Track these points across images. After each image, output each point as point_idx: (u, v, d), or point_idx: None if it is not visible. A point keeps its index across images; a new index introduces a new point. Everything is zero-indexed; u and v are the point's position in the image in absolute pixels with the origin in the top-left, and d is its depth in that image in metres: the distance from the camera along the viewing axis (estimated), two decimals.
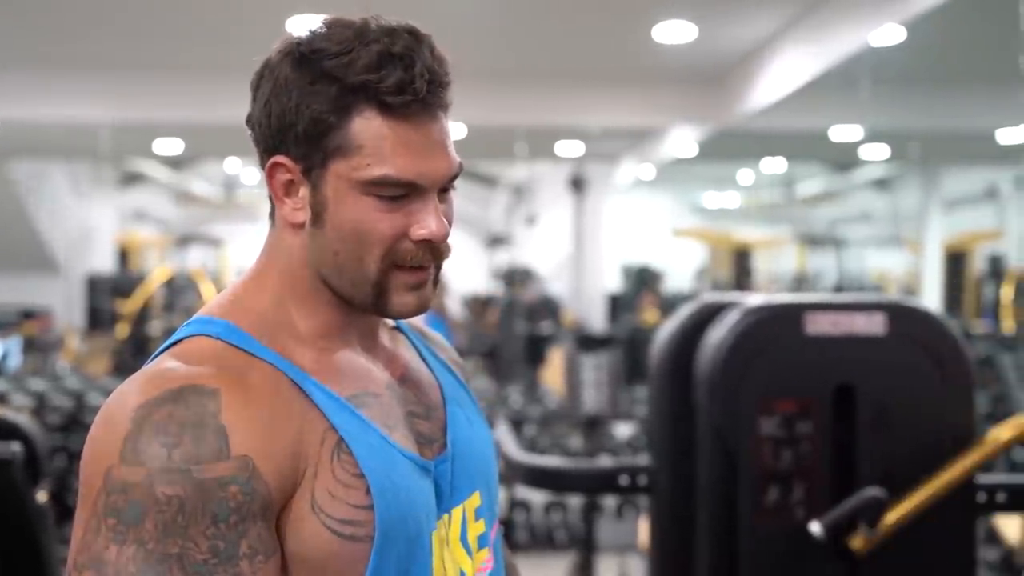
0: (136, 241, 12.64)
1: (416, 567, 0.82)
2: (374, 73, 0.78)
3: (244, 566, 0.73)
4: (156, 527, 0.71)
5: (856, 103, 5.75)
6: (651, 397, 2.23)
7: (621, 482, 2.16)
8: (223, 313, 0.84)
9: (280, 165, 0.83)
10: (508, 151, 7.63)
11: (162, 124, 6.66)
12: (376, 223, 0.81)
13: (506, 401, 5.74)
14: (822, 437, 1.93)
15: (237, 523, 0.73)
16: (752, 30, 5.05)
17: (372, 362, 0.89)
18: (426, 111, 0.81)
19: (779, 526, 1.92)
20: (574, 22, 4.94)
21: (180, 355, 0.80)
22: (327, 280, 0.85)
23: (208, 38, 5.22)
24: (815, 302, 1.99)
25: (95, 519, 0.72)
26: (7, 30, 5.06)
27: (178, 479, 0.71)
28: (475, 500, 0.92)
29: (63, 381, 5.61)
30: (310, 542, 0.77)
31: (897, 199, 11.34)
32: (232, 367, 0.78)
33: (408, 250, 0.83)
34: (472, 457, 0.92)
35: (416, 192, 0.82)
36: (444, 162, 0.83)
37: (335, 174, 0.81)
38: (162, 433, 0.72)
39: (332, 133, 0.80)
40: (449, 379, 0.98)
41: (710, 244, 13.25)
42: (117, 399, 0.77)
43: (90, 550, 0.72)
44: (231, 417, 0.75)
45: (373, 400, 0.85)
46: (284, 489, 0.76)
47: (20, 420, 2.15)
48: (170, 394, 0.75)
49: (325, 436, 0.79)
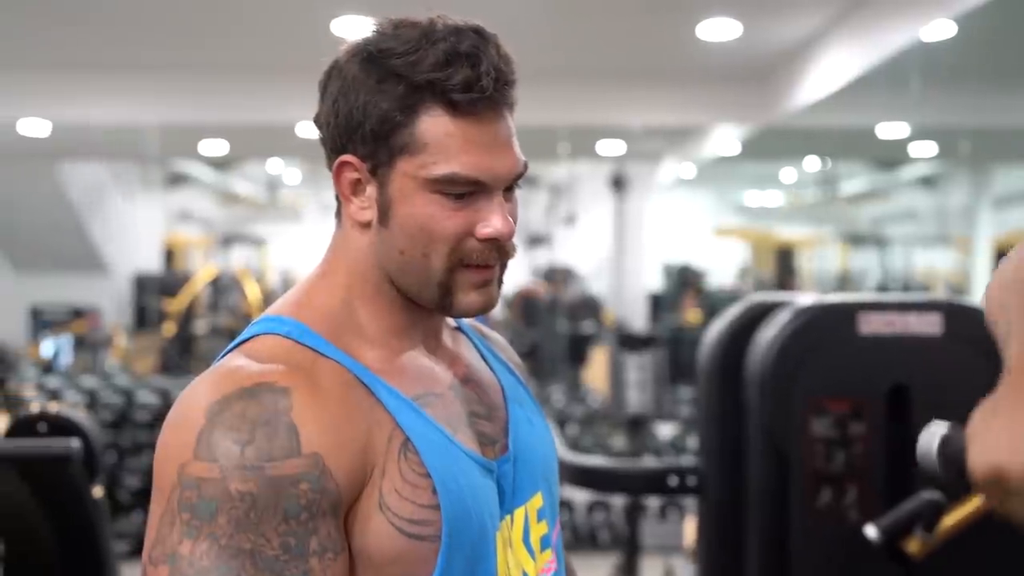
0: (181, 241, 12.82)
1: (482, 568, 0.82)
2: (441, 71, 0.79)
3: (314, 563, 0.73)
4: (229, 523, 0.72)
5: (904, 100, 5.66)
6: (700, 397, 2.22)
7: (670, 483, 2.15)
8: (292, 312, 0.85)
9: (347, 164, 0.84)
10: (551, 151, 7.62)
11: (208, 125, 6.75)
12: (442, 221, 0.82)
13: (548, 400, 5.74)
14: (876, 439, 1.90)
15: (307, 520, 0.73)
16: (798, 26, 5.00)
17: (436, 362, 0.89)
18: (492, 109, 0.81)
19: (831, 528, 1.90)
20: (619, 21, 4.92)
21: (251, 353, 0.81)
22: (393, 279, 0.85)
23: (253, 39, 5.27)
24: (869, 301, 1.97)
25: (169, 514, 0.73)
26: (57, 34, 5.16)
27: (250, 476, 0.72)
28: (537, 501, 0.91)
29: (113, 379, 5.71)
30: (377, 540, 0.77)
31: (944, 197, 11.15)
32: (302, 366, 0.79)
33: (474, 248, 0.83)
34: (534, 458, 0.92)
35: (482, 190, 0.82)
36: (510, 160, 0.83)
37: (401, 172, 0.82)
38: (235, 430, 0.74)
39: (399, 131, 0.81)
40: (510, 380, 0.98)
41: (752, 243, 13.13)
42: (190, 396, 0.78)
43: (165, 544, 0.73)
44: (302, 415, 0.75)
45: (437, 400, 0.85)
46: (353, 487, 0.77)
47: (78, 417, 2.19)
48: (243, 392, 0.76)
49: (392, 435, 0.80)
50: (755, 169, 11.52)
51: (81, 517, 1.89)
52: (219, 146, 7.87)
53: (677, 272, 11.83)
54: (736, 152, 7.87)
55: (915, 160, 9.31)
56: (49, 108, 6.20)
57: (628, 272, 9.88)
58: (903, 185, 11.83)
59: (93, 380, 5.51)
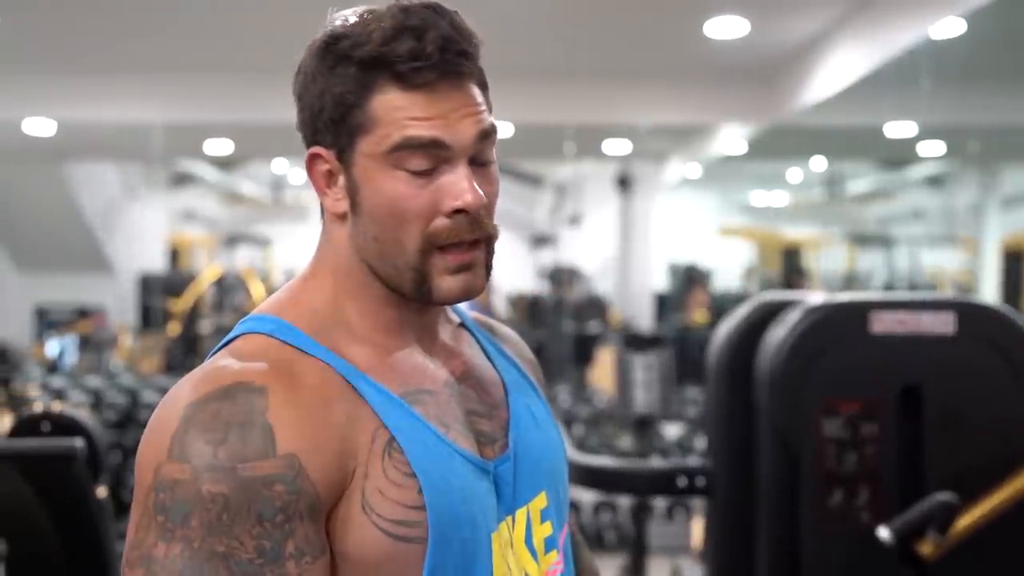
0: (186, 241, 12.82)
1: (476, 570, 0.79)
2: (387, 46, 0.77)
3: (291, 566, 0.72)
4: (202, 525, 0.70)
5: (912, 99, 5.63)
6: (710, 397, 2.19)
7: (679, 484, 2.13)
8: (276, 310, 0.83)
9: (317, 156, 0.83)
10: (556, 150, 7.61)
11: (213, 125, 6.75)
12: (407, 200, 0.79)
13: (555, 401, 5.73)
14: (888, 439, 1.88)
15: (283, 523, 0.72)
16: (805, 25, 4.97)
17: (431, 360, 0.87)
18: (444, 79, 0.79)
19: (843, 530, 1.88)
20: (625, 19, 4.90)
21: (233, 353, 0.79)
22: (373, 269, 0.83)
23: (258, 39, 5.26)
24: (881, 300, 1.94)
25: (146, 516, 0.72)
26: (62, 34, 5.16)
27: (223, 477, 0.71)
28: (540, 501, 0.89)
29: (118, 378, 5.71)
30: (361, 543, 0.75)
31: (951, 197, 11.11)
32: (282, 364, 0.77)
33: (443, 227, 0.80)
34: (537, 457, 0.89)
35: (444, 161, 0.79)
36: (468, 123, 0.80)
37: (362, 154, 0.80)
38: (208, 430, 0.72)
39: (354, 112, 0.79)
40: (515, 376, 0.95)
41: (758, 243, 13.10)
42: (171, 397, 0.76)
43: (141, 547, 0.72)
44: (278, 415, 0.74)
45: (429, 398, 0.83)
46: (332, 489, 0.75)
47: (82, 416, 2.18)
48: (219, 391, 0.74)
49: (376, 434, 0.77)
50: (761, 169, 11.50)
51: (85, 517, 1.88)
52: (224, 146, 7.87)
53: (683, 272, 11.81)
54: (743, 151, 7.85)
55: (923, 159, 9.28)
56: (54, 108, 6.21)
57: (634, 272, 9.86)
58: (910, 185, 11.79)
59: (98, 380, 5.51)
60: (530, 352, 1.03)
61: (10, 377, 7.60)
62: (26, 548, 1.92)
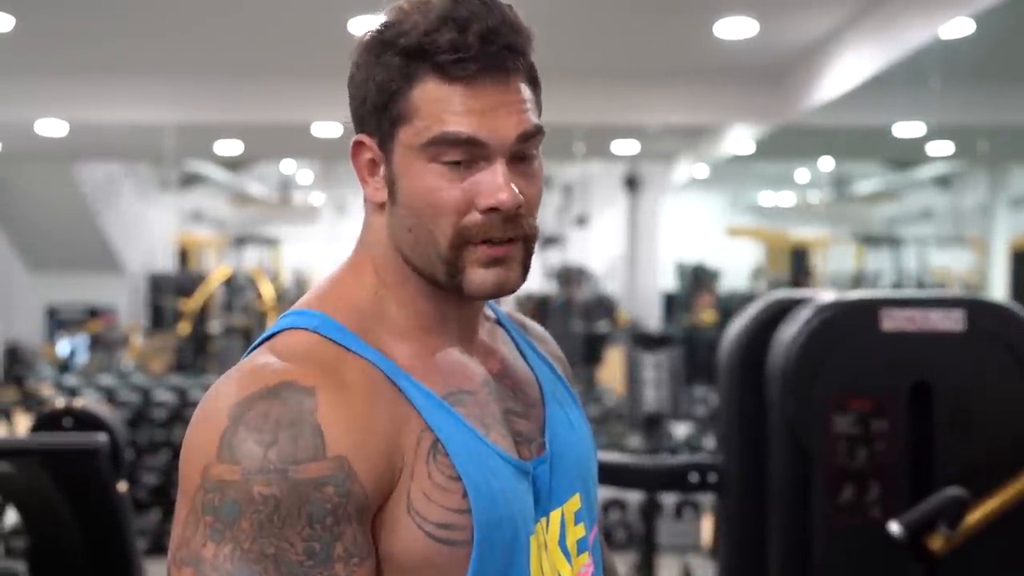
0: (195, 241, 12.87)
1: (514, 572, 0.80)
2: (429, 36, 0.77)
3: (339, 568, 0.72)
4: (252, 526, 0.70)
5: (921, 99, 5.64)
6: (721, 395, 2.22)
7: (691, 479, 2.15)
8: (320, 304, 0.82)
9: (360, 144, 0.82)
10: (566, 150, 7.62)
11: (223, 125, 6.78)
12: (441, 192, 0.78)
13: None
14: (898, 435, 1.90)
15: (332, 525, 0.72)
16: (815, 25, 4.99)
17: (470, 358, 0.86)
18: (486, 73, 0.77)
19: (854, 525, 1.90)
20: (634, 19, 4.92)
21: (276, 349, 0.78)
22: (408, 260, 0.82)
23: (269, 41, 5.30)
24: (891, 298, 1.96)
25: (193, 516, 0.72)
26: (74, 36, 5.19)
27: (274, 479, 0.71)
28: (574, 503, 0.88)
29: (129, 377, 5.74)
30: (405, 545, 0.75)
31: (959, 197, 11.09)
32: (328, 363, 0.77)
33: (476, 223, 0.79)
34: (571, 458, 0.89)
35: (482, 157, 0.78)
36: (510, 120, 0.78)
37: (401, 144, 0.79)
38: (258, 431, 0.72)
39: (396, 101, 0.79)
40: (549, 375, 0.94)
41: (766, 243, 13.09)
42: (215, 395, 0.76)
43: (189, 547, 0.72)
44: (327, 416, 0.73)
45: (469, 398, 0.82)
46: (380, 490, 0.75)
47: (103, 411, 2.20)
48: (266, 391, 0.74)
49: (421, 437, 0.77)
50: (768, 169, 11.49)
51: (106, 511, 1.90)
52: (234, 146, 7.91)
53: (691, 272, 11.81)
54: (751, 151, 7.85)
55: (931, 160, 9.27)
56: (66, 109, 6.24)
57: (642, 272, 9.88)
58: (918, 185, 11.78)
59: (110, 379, 5.54)
60: (560, 350, 1.02)
61: (23, 376, 7.67)
62: (49, 542, 1.95)
